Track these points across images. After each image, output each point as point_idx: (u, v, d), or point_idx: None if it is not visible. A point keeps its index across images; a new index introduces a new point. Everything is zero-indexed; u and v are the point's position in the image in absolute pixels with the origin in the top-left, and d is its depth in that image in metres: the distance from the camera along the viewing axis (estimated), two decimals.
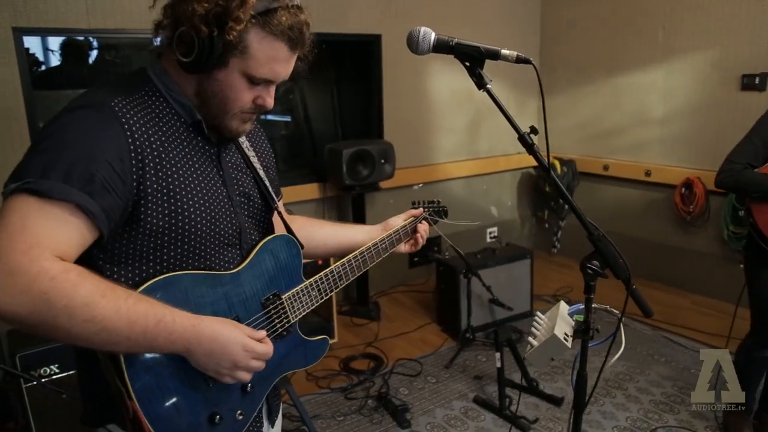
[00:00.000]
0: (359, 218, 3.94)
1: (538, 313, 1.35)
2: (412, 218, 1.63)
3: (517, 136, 1.17)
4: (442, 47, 1.17)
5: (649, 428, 2.67)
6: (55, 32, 3.18)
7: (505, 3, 4.69)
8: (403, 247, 1.62)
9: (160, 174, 1.04)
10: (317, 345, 1.36)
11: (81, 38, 3.57)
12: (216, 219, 1.13)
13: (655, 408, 2.83)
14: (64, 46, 3.55)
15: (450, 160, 4.61)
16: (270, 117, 4.32)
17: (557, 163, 4.68)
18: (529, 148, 1.16)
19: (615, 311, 1.28)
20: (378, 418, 2.82)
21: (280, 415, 1.47)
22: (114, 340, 0.92)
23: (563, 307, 1.31)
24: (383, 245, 1.52)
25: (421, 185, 4.42)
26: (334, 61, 4.30)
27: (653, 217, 4.28)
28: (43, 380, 2.52)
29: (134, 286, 1.01)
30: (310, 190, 3.97)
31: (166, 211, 1.05)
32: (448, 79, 4.43)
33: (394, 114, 4.26)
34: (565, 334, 1.22)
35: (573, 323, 1.27)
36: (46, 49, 3.49)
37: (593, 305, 1.24)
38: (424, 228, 1.63)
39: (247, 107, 1.12)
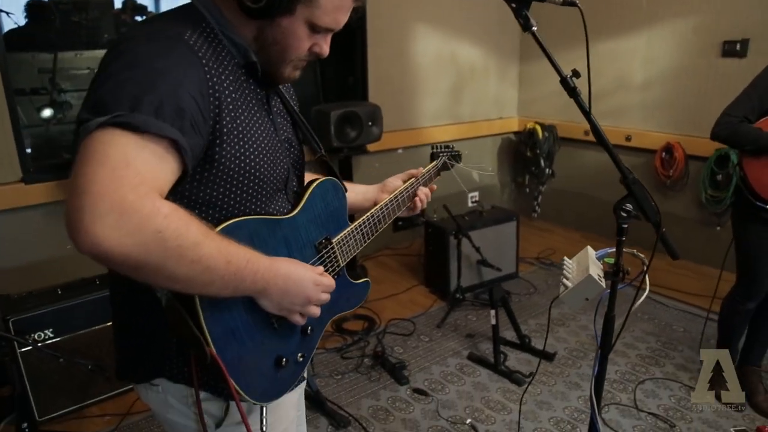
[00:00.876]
0: (346, 180, 3.93)
1: (566, 258, 1.39)
2: (434, 164, 1.67)
3: (559, 79, 1.17)
4: None
5: (638, 380, 2.78)
6: None
7: None
8: (403, 212, 1.58)
9: (233, 113, 1.02)
10: (361, 287, 1.38)
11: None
12: (274, 162, 1.13)
13: (641, 362, 2.95)
14: (28, 7, 3.40)
15: (433, 125, 4.62)
16: None
17: (539, 128, 4.74)
18: (572, 91, 1.17)
19: (642, 255, 1.33)
20: (376, 375, 2.87)
21: None
22: (210, 281, 0.91)
23: (591, 251, 1.35)
24: (413, 190, 1.56)
25: (401, 150, 4.42)
26: None
27: None
28: (38, 344, 2.48)
29: None
30: None
31: (238, 153, 1.03)
32: (433, 42, 4.42)
33: (378, 77, 4.23)
34: (598, 275, 1.26)
35: (601, 266, 1.31)
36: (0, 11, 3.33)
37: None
38: (425, 192, 1.61)
39: (303, 55, 1.12)
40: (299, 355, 1.19)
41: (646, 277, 1.29)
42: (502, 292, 2.99)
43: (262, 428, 1.15)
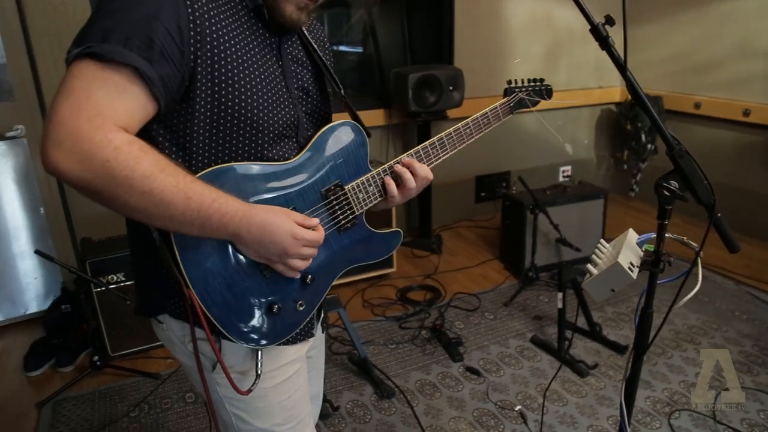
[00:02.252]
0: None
1: (602, 240, 1.20)
2: (504, 101, 1.38)
3: (589, 28, 0.99)
4: None
5: (721, 387, 2.48)
6: None
7: None
8: (390, 199, 1.26)
9: (216, 51, 1.00)
10: (388, 238, 1.29)
11: None
12: (273, 107, 1.09)
13: None
14: None
15: None
16: (342, 48, 4.23)
17: None
18: (603, 41, 0.98)
19: (693, 244, 1.12)
20: (430, 349, 2.78)
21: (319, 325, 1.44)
22: (169, 214, 0.93)
23: (632, 234, 1.16)
24: (457, 134, 1.31)
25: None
26: None
27: (748, 163, 3.88)
28: (111, 286, 2.63)
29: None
30: (374, 117, 3.85)
31: (223, 92, 1.02)
32: (526, 2, 4.11)
33: (466, 39, 4.01)
34: (631, 263, 1.07)
35: (641, 253, 1.12)
36: None
37: (667, 235, 1.09)
38: (408, 169, 1.23)
39: None
40: (298, 303, 1.16)
41: (699, 269, 1.08)
42: (573, 274, 2.76)
43: (257, 371, 1.14)
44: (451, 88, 3.57)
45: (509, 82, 1.44)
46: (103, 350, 2.72)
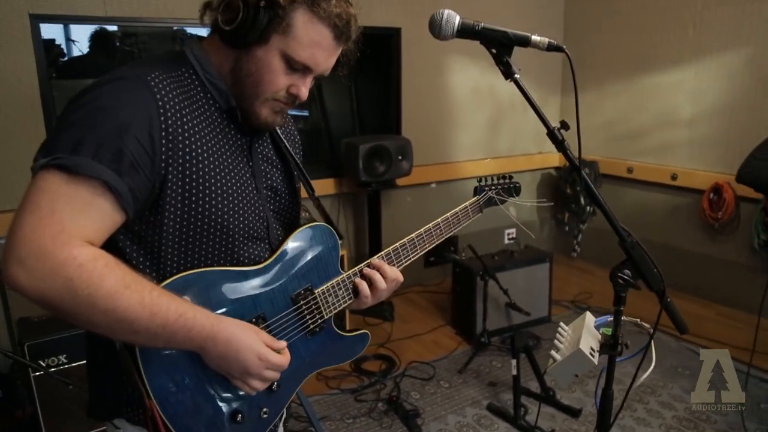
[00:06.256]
0: (375, 215, 3.86)
1: (562, 324, 1.25)
2: (474, 200, 1.45)
3: (546, 131, 1.06)
4: (466, 32, 1.07)
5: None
6: (72, 20, 3.13)
7: None
8: (361, 301, 1.25)
9: (188, 157, 1.00)
10: (355, 341, 1.29)
11: (98, 27, 3.52)
12: (244, 211, 1.09)
13: (678, 424, 2.70)
14: (89, 38, 3.50)
15: (468, 159, 4.50)
16: (290, 112, 4.29)
17: None
18: (560, 144, 1.06)
19: (646, 325, 1.18)
20: (388, 422, 2.74)
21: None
22: (134, 330, 0.91)
23: (589, 318, 1.22)
24: (428, 235, 1.35)
25: (435, 184, 4.32)
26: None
27: (678, 224, 4.13)
28: (51, 370, 2.49)
29: (156, 280, 1.00)
30: (325, 186, 3.90)
31: (193, 197, 1.01)
32: (470, 74, 4.33)
33: (412, 110, 4.17)
34: (591, 348, 1.12)
35: (600, 336, 1.17)
36: (68, 39, 3.45)
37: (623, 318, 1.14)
38: (379, 274, 1.23)
39: (281, 95, 1.07)
40: (263, 410, 1.13)
41: (653, 350, 1.14)
42: (525, 340, 2.82)
43: None
44: (400, 157, 3.67)
45: (479, 180, 1.49)
46: None
